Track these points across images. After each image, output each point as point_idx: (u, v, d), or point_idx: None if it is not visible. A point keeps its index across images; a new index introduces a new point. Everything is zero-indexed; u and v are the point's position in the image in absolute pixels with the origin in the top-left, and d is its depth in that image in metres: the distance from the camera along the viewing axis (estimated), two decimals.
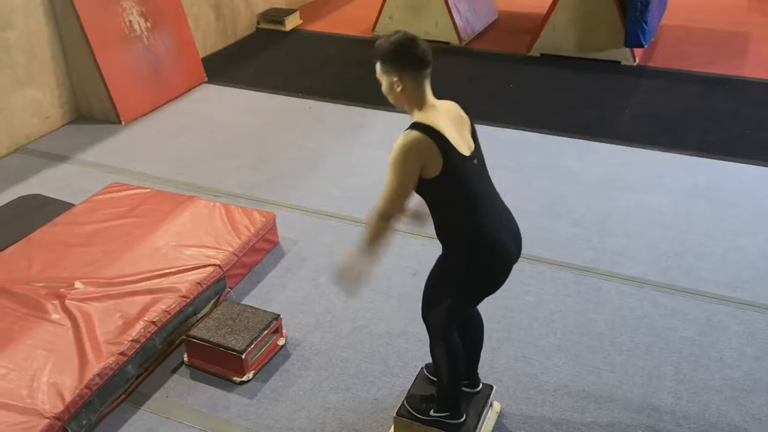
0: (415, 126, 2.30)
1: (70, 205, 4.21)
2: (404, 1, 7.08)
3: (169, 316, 3.26)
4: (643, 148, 5.11)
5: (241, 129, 5.51)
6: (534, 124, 5.47)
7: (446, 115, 2.36)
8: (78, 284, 3.39)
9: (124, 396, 3.06)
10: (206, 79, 6.27)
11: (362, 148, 5.21)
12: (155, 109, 5.78)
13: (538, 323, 3.48)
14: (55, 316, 3.20)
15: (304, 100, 5.98)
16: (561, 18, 6.57)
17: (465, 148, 2.36)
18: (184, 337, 3.25)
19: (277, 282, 3.81)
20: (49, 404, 2.75)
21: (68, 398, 2.78)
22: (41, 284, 3.40)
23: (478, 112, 2.59)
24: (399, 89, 2.33)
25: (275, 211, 4.23)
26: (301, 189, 4.68)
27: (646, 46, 6.39)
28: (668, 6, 7.50)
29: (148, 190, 4.27)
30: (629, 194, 4.54)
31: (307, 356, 3.31)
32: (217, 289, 3.56)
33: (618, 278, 3.78)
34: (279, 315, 3.36)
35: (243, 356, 3.11)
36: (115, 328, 3.14)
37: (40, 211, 4.15)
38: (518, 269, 2.69)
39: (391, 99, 2.39)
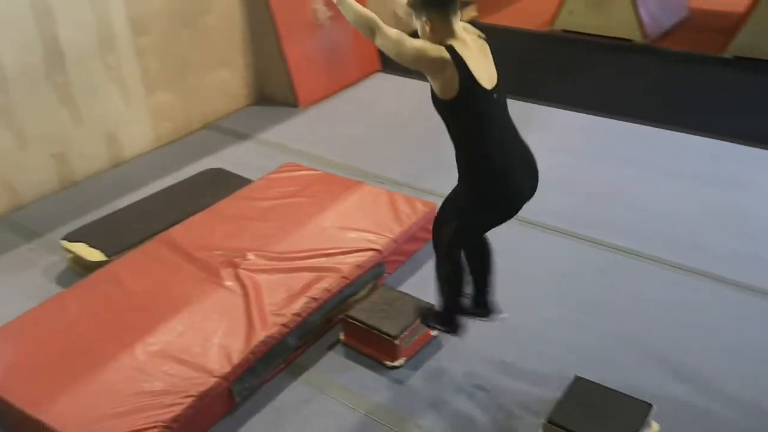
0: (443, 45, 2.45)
1: (248, 181, 4.50)
2: None
3: (329, 295, 3.40)
4: None
5: (410, 118, 5.59)
6: (723, 133, 5.07)
7: (474, 50, 2.52)
8: (251, 255, 3.62)
9: (283, 366, 3.23)
10: (380, 68, 6.42)
11: (537, 147, 5.08)
12: (330, 94, 6.01)
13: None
14: (228, 283, 3.45)
15: None
16: (763, 17, 6.00)
17: (486, 81, 2.51)
18: (341, 316, 3.38)
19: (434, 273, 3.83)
20: (218, 364, 2.97)
21: (235, 360, 2.98)
22: (219, 252, 3.67)
23: (656, 114, 2.44)
24: (428, 28, 2.50)
25: (437, 201, 4.24)
26: None
27: None
28: None
29: (319, 172, 4.47)
30: None
31: (458, 350, 3.31)
32: (375, 274, 3.66)
33: None
34: (434, 305, 3.39)
35: (396, 341, 3.18)
36: (280, 300, 3.32)
37: (222, 184, 4.47)
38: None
39: (425, 39, 2.52)
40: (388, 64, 6.49)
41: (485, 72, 2.52)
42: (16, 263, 4.03)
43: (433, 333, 3.25)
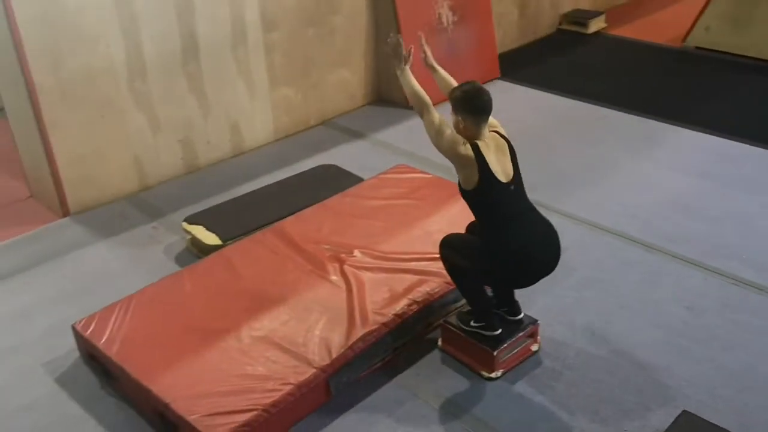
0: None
1: (360, 179, 4.57)
2: (725, 11, 6.46)
3: (431, 299, 3.40)
4: None
5: (527, 128, 5.49)
6: None
7: (493, 148, 2.96)
8: (357, 253, 3.68)
9: (380, 365, 3.26)
10: (499, 74, 6.36)
11: (652, 165, 4.89)
12: (447, 99, 6.00)
13: None
14: (333, 278, 3.52)
15: (595, 106, 5.78)
16: None
17: (503, 175, 2.94)
18: (441, 321, 3.37)
19: (539, 287, 3.73)
20: (318, 356, 3.03)
21: (334, 354, 3.04)
22: (327, 246, 3.75)
23: None
24: (461, 126, 2.96)
25: (548, 215, 4.14)
26: (578, 197, 4.55)
27: None
28: None
29: (431, 175, 4.47)
30: None
31: (558, 369, 3.23)
32: None
33: None
34: (537, 320, 3.32)
35: (495, 353, 3.14)
36: (381, 299, 3.35)
37: (334, 180, 4.57)
38: None
39: (456, 131, 2.98)
40: (508, 73, 6.41)
41: (501, 167, 2.95)
42: (140, 239, 4.29)
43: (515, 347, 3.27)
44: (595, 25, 7.37)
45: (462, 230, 3.83)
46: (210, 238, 3.97)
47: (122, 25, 4.39)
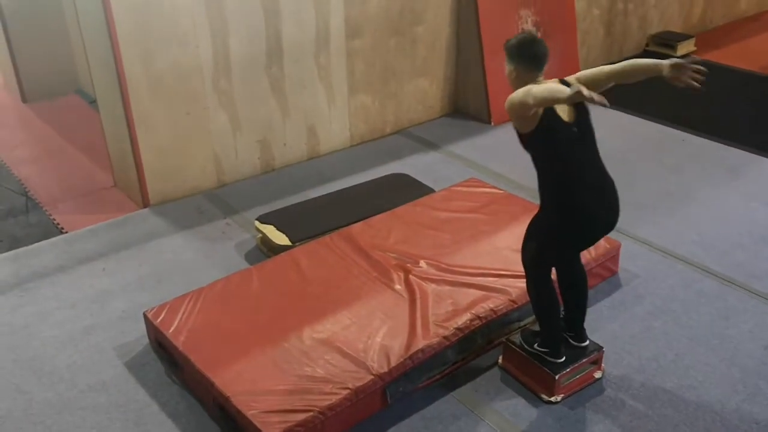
0: None
1: (431, 190, 4.57)
2: None
3: (494, 316, 3.36)
4: None
5: (605, 149, 5.33)
6: None
7: None
8: (423, 263, 3.68)
9: (438, 377, 3.25)
10: None
11: (735, 196, 4.71)
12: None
13: None
14: (397, 287, 3.53)
15: (677, 131, 5.60)
16: None
17: (566, 115, 2.79)
18: (504, 339, 3.33)
19: (607, 312, 3.67)
20: (377, 363, 3.05)
21: (393, 363, 3.05)
22: (393, 255, 3.77)
23: None
24: (514, 76, 2.87)
25: (621, 239, 4.06)
26: (654, 223, 4.42)
27: None
28: None
29: (502, 191, 4.44)
30: None
31: (621, 398, 3.14)
32: None
33: None
34: (602, 347, 3.24)
35: (556, 377, 3.08)
36: (444, 312, 3.34)
37: (405, 189, 4.59)
38: None
39: (509, 81, 2.89)
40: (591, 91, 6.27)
41: (562, 108, 2.80)
42: (214, 235, 4.42)
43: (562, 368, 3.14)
44: (684, 48, 7.15)
45: None
46: (280, 238, 4.05)
47: (212, 25, 4.54)
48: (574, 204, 2.84)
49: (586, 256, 3.73)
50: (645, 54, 7.20)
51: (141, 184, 4.64)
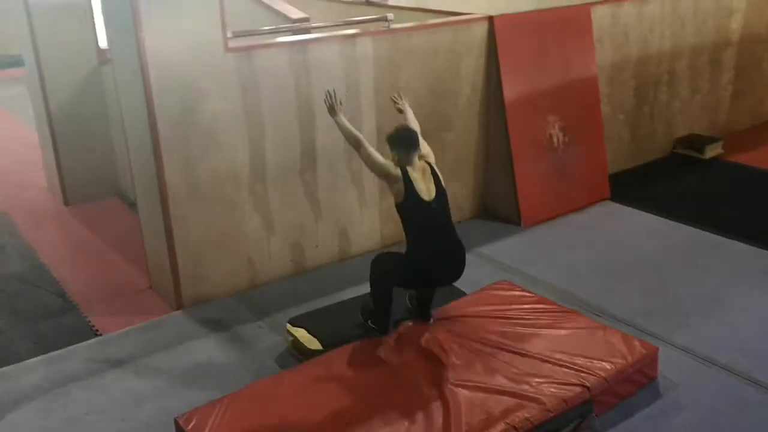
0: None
1: (462, 293, 4.56)
2: None
3: (529, 426, 3.28)
4: None
5: (638, 253, 5.35)
6: None
7: (420, 173, 3.81)
8: (455, 370, 3.63)
9: None
10: (609, 196, 6.28)
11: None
12: (554, 217, 5.98)
13: None
14: (430, 393, 3.47)
15: (710, 234, 5.57)
16: None
17: (426, 194, 3.78)
18: None
19: (648, 422, 3.55)
20: None
21: None
22: (425, 360, 3.72)
23: None
24: (396, 158, 3.79)
25: (659, 344, 3.97)
26: (692, 329, 4.32)
27: None
28: None
29: (534, 295, 4.41)
30: None
31: None
32: (581, 412, 3.47)
33: None
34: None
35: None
36: (478, 422, 3.27)
37: (436, 291, 4.57)
38: None
39: (393, 162, 3.80)
40: (619, 194, 6.32)
41: (425, 188, 3.78)
42: (245, 336, 4.42)
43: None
44: (712, 151, 7.20)
45: (564, 354, 3.73)
46: (311, 342, 4.03)
47: (250, 133, 4.73)
48: (421, 259, 3.78)
49: (623, 361, 3.66)
50: (672, 156, 7.27)
51: (175, 286, 4.71)
